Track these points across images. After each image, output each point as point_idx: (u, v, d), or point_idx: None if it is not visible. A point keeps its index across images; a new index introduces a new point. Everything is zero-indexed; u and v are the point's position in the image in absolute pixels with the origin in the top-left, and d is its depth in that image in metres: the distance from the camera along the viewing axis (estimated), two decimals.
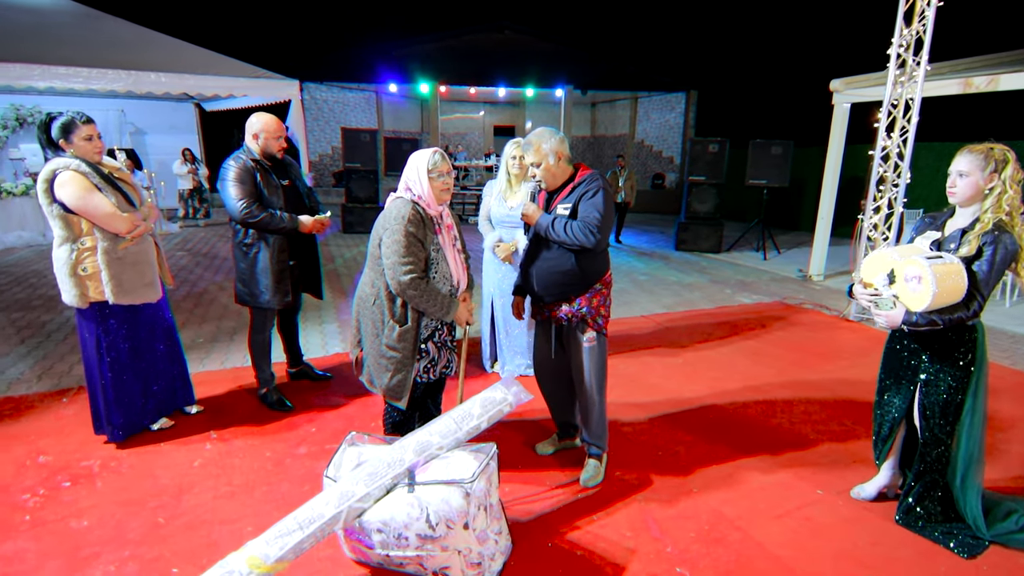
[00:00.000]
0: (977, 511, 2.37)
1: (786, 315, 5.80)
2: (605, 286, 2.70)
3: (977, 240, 2.16)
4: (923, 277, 2.09)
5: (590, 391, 2.73)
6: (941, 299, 2.09)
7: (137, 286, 2.87)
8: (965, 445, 2.34)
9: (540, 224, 2.60)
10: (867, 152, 5.66)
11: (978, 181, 2.19)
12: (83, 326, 2.88)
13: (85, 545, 2.29)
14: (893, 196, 5.50)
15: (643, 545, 2.35)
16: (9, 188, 8.77)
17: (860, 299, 2.37)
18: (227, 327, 4.99)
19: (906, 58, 5.26)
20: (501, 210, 3.73)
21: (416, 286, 2.30)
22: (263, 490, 2.69)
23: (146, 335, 3.05)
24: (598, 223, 2.48)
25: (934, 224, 2.39)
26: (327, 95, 15.87)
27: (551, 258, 2.63)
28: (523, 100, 18.03)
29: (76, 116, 2.75)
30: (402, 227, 2.29)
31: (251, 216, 3.07)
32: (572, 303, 2.65)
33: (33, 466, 2.83)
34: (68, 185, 2.63)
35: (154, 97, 10.50)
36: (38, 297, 5.79)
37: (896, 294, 2.22)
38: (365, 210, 10.54)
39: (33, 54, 6.88)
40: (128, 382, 2.98)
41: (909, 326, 2.22)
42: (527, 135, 2.66)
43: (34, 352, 4.32)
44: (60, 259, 2.73)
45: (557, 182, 2.66)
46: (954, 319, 2.16)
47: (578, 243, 2.50)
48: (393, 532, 2.01)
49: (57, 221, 2.69)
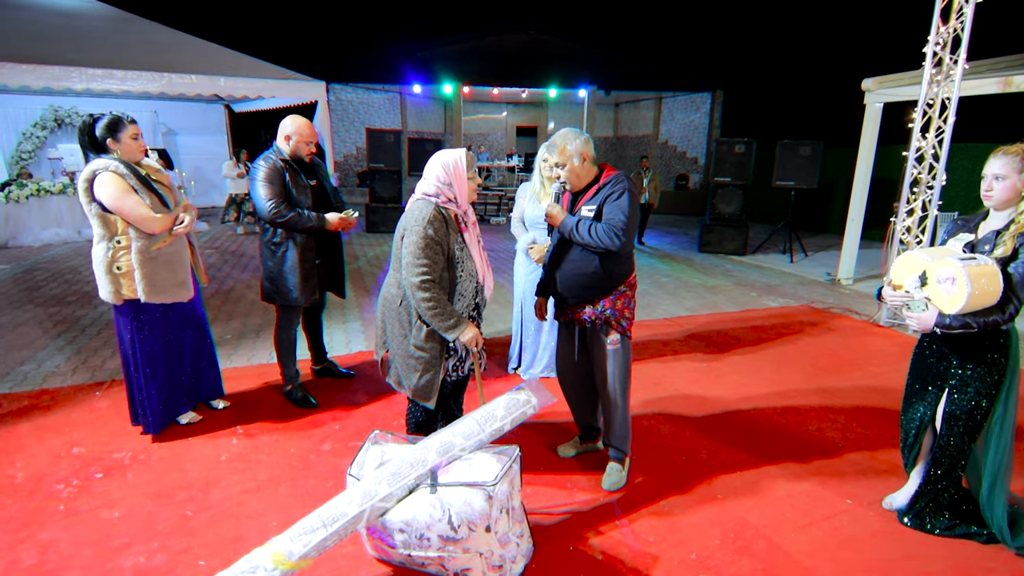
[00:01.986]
0: (1003, 521, 2.32)
1: (814, 319, 5.68)
2: (629, 288, 2.67)
3: (1013, 241, 2.09)
4: (957, 278, 2.03)
5: (613, 394, 2.71)
6: (976, 301, 2.02)
7: (169, 285, 2.93)
8: (993, 454, 2.29)
9: (564, 226, 2.57)
10: (899, 153, 5.51)
11: (1016, 183, 2.12)
12: (119, 321, 2.98)
13: (116, 535, 2.35)
14: (927, 198, 5.34)
15: (666, 551, 2.32)
16: (47, 187, 9.06)
17: (891, 301, 2.30)
18: (253, 324, 5.07)
19: (943, 56, 5.11)
20: (535, 212, 3.73)
21: (426, 288, 2.27)
22: (288, 485, 2.72)
23: (178, 331, 3.12)
24: (624, 226, 2.45)
25: (967, 227, 2.32)
26: (352, 96, 16.06)
27: (575, 260, 2.61)
28: (546, 101, 18.00)
29: (122, 116, 2.84)
30: (422, 228, 2.29)
31: (279, 216, 3.11)
32: (596, 305, 2.63)
33: (67, 457, 2.92)
34: (107, 186, 2.71)
35: (186, 98, 10.73)
36: (73, 293, 5.97)
37: (928, 296, 2.15)
38: (388, 210, 10.63)
39: (70, 56, 7.08)
40: (161, 376, 3.06)
41: (942, 328, 2.14)
42: (550, 136, 2.63)
43: (69, 346, 4.45)
44: (97, 256, 2.82)
45: (582, 183, 2.63)
46: (989, 322, 2.08)
47: (603, 246, 2.47)
48: (415, 533, 2.01)
49: (95, 219, 2.78)
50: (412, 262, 2.29)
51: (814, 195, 10.34)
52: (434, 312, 2.30)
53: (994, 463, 2.29)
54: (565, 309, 2.74)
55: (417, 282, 2.28)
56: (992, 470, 2.30)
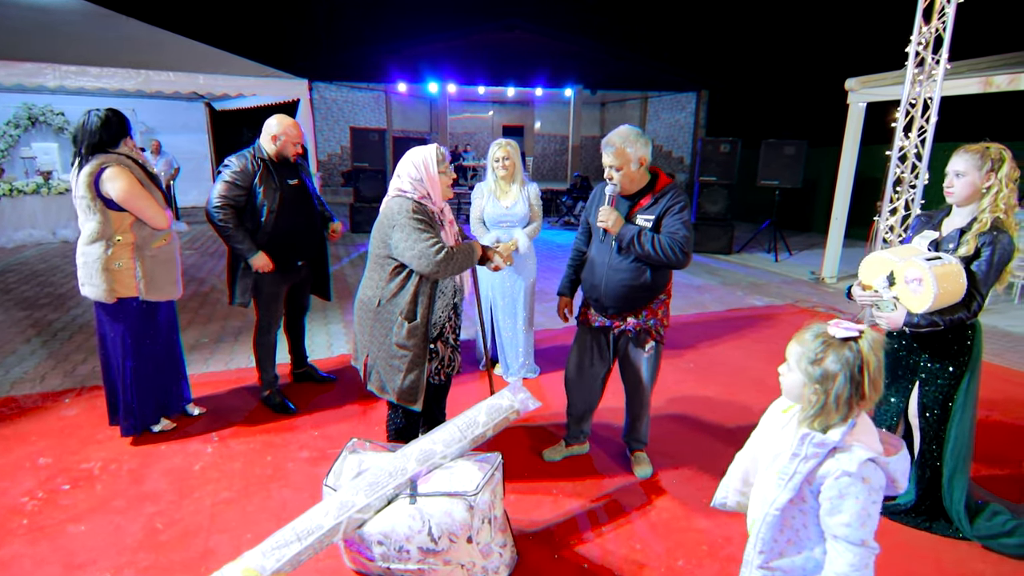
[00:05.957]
0: (961, 507, 2.38)
1: (798, 318, 5.68)
2: (668, 296, 2.69)
3: (975, 240, 2.17)
4: (924, 279, 2.09)
5: (645, 397, 2.78)
6: (942, 300, 2.10)
7: (166, 284, 2.95)
8: (954, 442, 2.36)
9: (624, 235, 2.47)
10: (883, 152, 5.53)
11: (975, 181, 2.19)
12: (105, 322, 2.92)
13: (81, 551, 2.25)
14: (910, 197, 5.36)
15: (653, 559, 2.27)
16: (20, 186, 8.81)
17: (860, 301, 2.35)
18: (232, 327, 4.95)
19: (925, 56, 5.13)
20: (496, 210, 3.68)
21: (449, 256, 2.25)
22: (263, 496, 2.63)
23: (164, 331, 3.10)
24: (688, 241, 2.43)
25: (930, 223, 2.39)
26: (336, 94, 15.87)
27: (625, 270, 2.54)
28: (532, 99, 17.95)
29: (127, 114, 2.87)
30: (408, 216, 2.25)
31: (223, 223, 3.07)
32: (639, 315, 2.61)
33: (33, 468, 2.80)
34: (118, 179, 2.69)
35: (164, 96, 10.51)
36: (46, 296, 5.80)
37: (897, 296, 2.21)
38: (373, 210, 10.46)
39: (44, 53, 6.88)
40: (147, 377, 3.01)
41: (911, 327, 2.22)
42: (608, 134, 2.50)
43: (39, 351, 4.31)
44: (92, 254, 2.77)
45: (634, 188, 2.54)
46: (955, 319, 2.17)
47: (666, 259, 2.42)
48: (394, 545, 1.94)
49: (96, 215, 2.74)
50: (423, 246, 2.22)
51: (798, 194, 10.38)
52: (462, 262, 2.32)
53: (954, 450, 2.37)
54: (600, 315, 2.69)
55: (441, 258, 2.22)
56: (952, 457, 2.37)
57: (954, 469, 2.38)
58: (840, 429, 1.31)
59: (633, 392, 2.80)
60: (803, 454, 1.33)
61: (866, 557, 1.30)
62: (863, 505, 1.27)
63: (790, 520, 1.39)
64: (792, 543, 1.40)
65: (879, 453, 1.30)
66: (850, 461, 1.28)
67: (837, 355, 1.29)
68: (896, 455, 1.33)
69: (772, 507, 1.38)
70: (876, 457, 1.29)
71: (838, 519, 1.29)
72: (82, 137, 2.74)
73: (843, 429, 1.31)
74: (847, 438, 1.31)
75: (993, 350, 4.79)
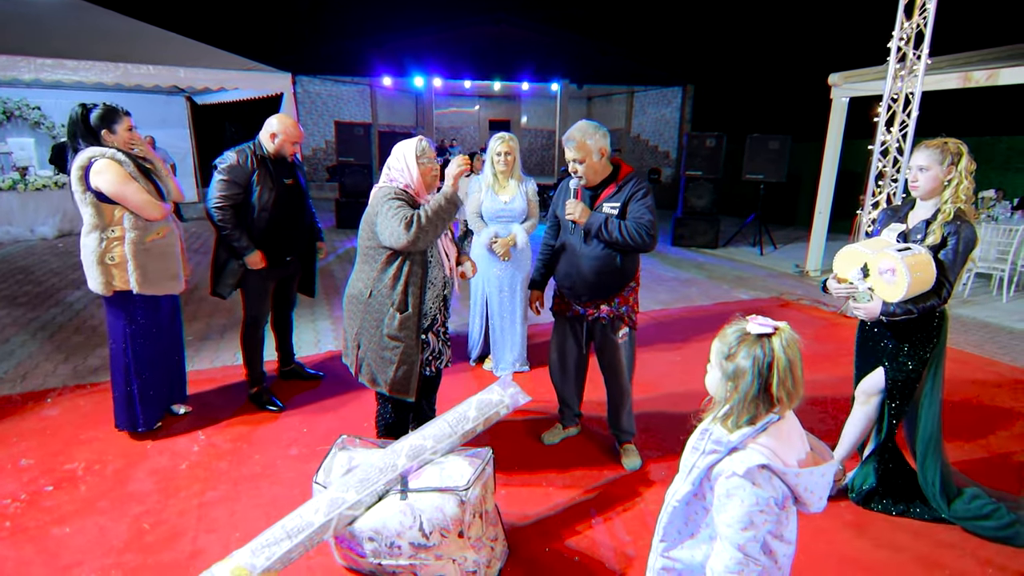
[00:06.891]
0: (937, 490, 2.46)
1: (783, 311, 5.75)
2: (637, 283, 2.76)
3: (941, 230, 2.26)
4: (897, 269, 2.18)
5: (624, 383, 2.83)
6: (915, 288, 2.18)
7: (162, 278, 2.92)
8: (924, 423, 2.45)
9: (591, 223, 2.56)
10: (865, 147, 5.59)
11: (938, 174, 2.28)
12: (111, 313, 2.92)
13: (66, 553, 2.22)
14: (892, 191, 5.44)
15: (643, 551, 2.29)
16: None
17: (836, 293, 2.42)
18: (218, 324, 4.90)
19: (906, 51, 5.19)
20: (495, 205, 3.67)
21: (416, 220, 2.22)
22: (252, 494, 2.61)
23: (166, 326, 3.08)
24: (653, 225, 2.52)
25: (896, 216, 2.48)
26: (320, 88, 15.67)
27: (596, 257, 2.62)
28: (518, 94, 17.90)
29: (117, 107, 2.83)
30: (388, 200, 2.29)
31: (223, 221, 3.06)
32: (611, 303, 2.68)
33: (14, 470, 2.75)
34: (105, 172, 2.66)
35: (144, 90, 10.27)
36: (24, 294, 5.68)
37: (871, 287, 2.29)
38: (359, 205, 10.39)
39: (18, 45, 6.70)
40: (152, 370, 2.99)
41: (887, 316, 2.28)
42: (569, 129, 2.60)
43: (19, 351, 4.22)
44: (89, 247, 2.77)
45: (597, 178, 2.63)
46: (927, 307, 2.25)
47: (633, 244, 2.51)
48: (385, 541, 1.94)
49: (89, 208, 2.72)
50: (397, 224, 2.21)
51: (782, 188, 10.48)
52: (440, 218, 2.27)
53: (925, 432, 2.46)
54: (574, 304, 2.75)
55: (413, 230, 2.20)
56: (924, 439, 2.46)
57: (925, 452, 2.47)
58: (742, 431, 1.27)
59: (612, 379, 2.86)
60: (702, 449, 1.33)
61: (743, 564, 1.24)
62: (747, 510, 1.22)
63: (693, 515, 1.38)
64: (693, 536, 1.40)
65: (785, 464, 1.24)
66: (741, 463, 1.23)
67: (748, 351, 1.25)
68: (814, 467, 1.26)
69: (674, 498, 1.39)
70: (771, 465, 1.22)
71: (722, 518, 1.27)
72: (69, 131, 2.76)
73: (746, 431, 1.27)
74: (748, 440, 1.26)
75: (973, 341, 4.89)
